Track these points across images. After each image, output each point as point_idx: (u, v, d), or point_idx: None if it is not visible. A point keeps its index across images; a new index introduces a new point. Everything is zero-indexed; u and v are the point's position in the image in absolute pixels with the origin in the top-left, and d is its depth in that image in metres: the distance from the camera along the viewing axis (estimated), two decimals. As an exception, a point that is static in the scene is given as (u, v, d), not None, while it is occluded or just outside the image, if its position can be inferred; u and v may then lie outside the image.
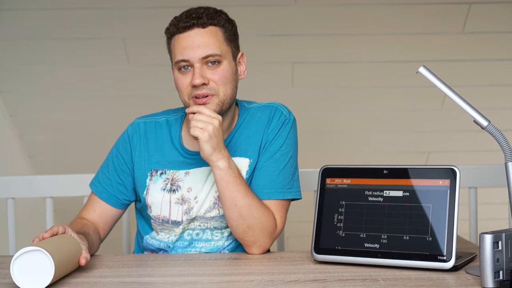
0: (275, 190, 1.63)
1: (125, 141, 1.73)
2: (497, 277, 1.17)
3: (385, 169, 1.43)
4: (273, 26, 2.84)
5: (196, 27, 1.58)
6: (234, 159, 1.64)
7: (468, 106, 1.33)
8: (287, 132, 1.68)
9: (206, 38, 1.57)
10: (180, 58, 1.57)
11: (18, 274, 1.26)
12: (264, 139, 1.67)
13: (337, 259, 1.42)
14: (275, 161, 1.65)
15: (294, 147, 1.69)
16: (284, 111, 1.70)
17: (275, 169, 1.64)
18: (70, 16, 2.79)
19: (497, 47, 2.97)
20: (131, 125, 1.75)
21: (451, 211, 1.34)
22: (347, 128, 3.30)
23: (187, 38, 1.58)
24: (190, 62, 1.57)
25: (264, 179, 1.64)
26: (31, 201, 2.78)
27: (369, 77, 3.08)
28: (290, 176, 1.66)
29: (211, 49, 1.57)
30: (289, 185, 1.66)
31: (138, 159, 1.71)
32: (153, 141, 1.71)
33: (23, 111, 3.17)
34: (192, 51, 1.56)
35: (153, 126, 1.73)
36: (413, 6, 2.80)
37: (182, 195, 1.66)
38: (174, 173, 1.67)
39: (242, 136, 1.68)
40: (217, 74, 1.58)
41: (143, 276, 1.38)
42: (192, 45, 1.57)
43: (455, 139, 3.37)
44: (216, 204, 1.65)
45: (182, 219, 1.66)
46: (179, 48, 1.58)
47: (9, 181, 2.31)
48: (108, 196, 1.71)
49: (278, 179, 1.64)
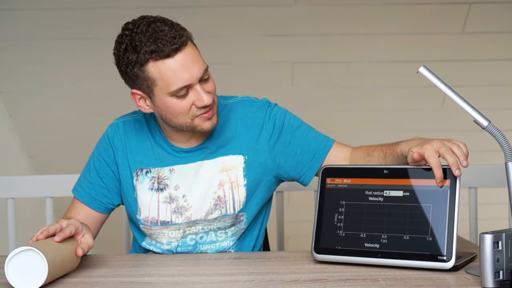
0: (326, 138, 1.71)
1: (106, 142, 1.70)
2: (497, 277, 1.17)
3: (385, 169, 1.44)
4: (273, 26, 2.84)
5: (182, 47, 1.48)
6: (227, 158, 1.63)
7: (468, 106, 1.33)
8: (278, 110, 1.69)
9: (193, 54, 1.50)
10: (181, 85, 1.48)
11: (13, 275, 1.26)
12: (267, 133, 1.65)
13: (337, 259, 1.42)
14: (303, 130, 1.69)
15: (292, 114, 1.72)
16: (259, 102, 1.70)
17: (308, 132, 1.69)
18: (70, 16, 2.79)
19: (497, 47, 2.97)
20: (110, 126, 1.72)
21: (451, 211, 1.34)
22: (347, 128, 3.30)
23: (179, 62, 1.47)
24: (191, 85, 1.50)
25: (314, 138, 1.69)
26: (31, 201, 2.78)
27: (369, 77, 3.08)
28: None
29: (201, 62, 1.52)
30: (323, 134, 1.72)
31: (122, 160, 1.67)
32: (134, 140, 1.67)
33: (23, 111, 3.17)
34: (190, 73, 1.48)
35: (132, 124, 1.70)
36: (413, 6, 2.80)
37: (169, 193, 1.64)
38: (159, 170, 1.65)
39: (228, 132, 1.65)
40: (211, 84, 1.55)
41: (143, 276, 1.38)
42: (188, 68, 1.48)
43: (455, 139, 3.36)
44: (217, 205, 1.63)
45: (171, 218, 1.64)
46: (174, 75, 1.47)
47: (9, 181, 2.31)
48: (91, 201, 1.68)
49: (318, 133, 1.71)
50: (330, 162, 1.67)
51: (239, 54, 2.92)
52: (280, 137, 1.66)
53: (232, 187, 1.64)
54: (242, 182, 1.64)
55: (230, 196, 1.64)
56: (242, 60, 2.95)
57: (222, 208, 1.64)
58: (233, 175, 1.64)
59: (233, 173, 1.64)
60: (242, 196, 1.64)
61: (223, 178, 1.63)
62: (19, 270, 1.26)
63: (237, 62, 2.95)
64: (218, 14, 2.78)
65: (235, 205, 1.64)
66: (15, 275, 1.26)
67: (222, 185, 1.63)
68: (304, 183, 1.71)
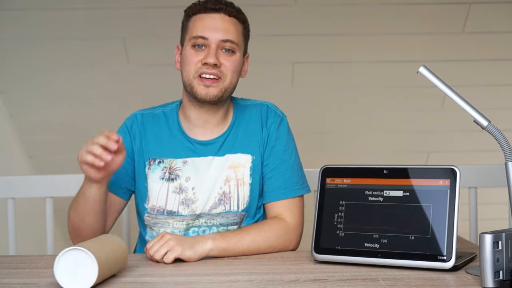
0: (290, 189, 1.69)
1: (124, 131, 1.74)
2: (497, 277, 1.17)
3: (385, 169, 1.43)
4: (273, 26, 2.85)
5: (223, 12, 1.64)
6: (236, 156, 1.68)
7: (468, 106, 1.33)
8: (286, 131, 1.73)
9: (229, 25, 1.64)
10: (200, 34, 1.62)
11: (61, 273, 1.23)
12: (263, 139, 1.70)
13: (337, 259, 1.42)
14: (284, 161, 1.70)
15: (294, 144, 1.75)
16: (277, 111, 1.75)
17: (285, 169, 1.70)
18: (70, 16, 2.80)
19: (497, 47, 2.97)
20: (128, 118, 1.77)
21: (451, 211, 1.34)
22: (347, 128, 3.30)
23: (211, 19, 1.63)
24: (208, 41, 1.62)
25: (279, 180, 1.69)
26: (31, 201, 2.78)
27: (369, 77, 3.08)
28: (299, 173, 1.72)
29: (230, 35, 1.63)
30: (301, 181, 1.71)
31: (138, 148, 1.72)
32: (150, 131, 1.72)
33: (23, 111, 3.17)
34: (214, 31, 1.62)
35: (150, 117, 1.75)
36: (413, 6, 2.80)
37: (180, 184, 1.67)
38: (171, 161, 1.68)
39: (240, 132, 1.71)
40: (230, 61, 1.63)
41: (143, 276, 1.38)
42: (215, 26, 1.62)
43: (455, 139, 3.37)
44: (222, 201, 1.66)
45: (178, 209, 1.66)
46: (201, 25, 1.63)
47: (9, 181, 2.30)
48: (111, 185, 1.67)
49: (291, 178, 1.70)
50: (267, 210, 1.71)
51: (239, 54, 2.91)
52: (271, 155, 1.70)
53: (237, 184, 1.67)
54: (248, 181, 1.68)
55: (235, 193, 1.67)
56: (242, 60, 2.95)
57: (226, 204, 1.66)
58: (240, 173, 1.68)
59: (240, 171, 1.68)
60: (246, 195, 1.68)
61: (230, 174, 1.67)
62: (67, 269, 1.23)
63: (237, 62, 2.95)
64: (218, 14, 2.78)
65: (239, 202, 1.67)
66: (63, 273, 1.23)
67: (229, 181, 1.67)
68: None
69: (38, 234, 2.69)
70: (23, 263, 1.53)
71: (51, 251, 2.26)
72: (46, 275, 1.39)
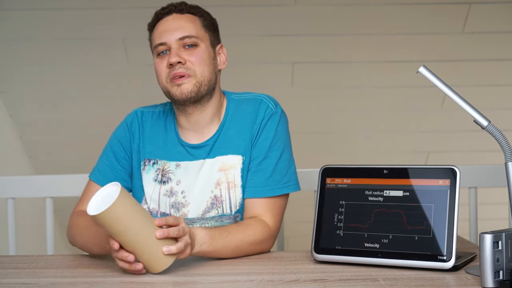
0: (270, 187, 1.62)
1: (124, 129, 1.74)
2: (497, 277, 1.17)
3: (385, 169, 1.43)
4: (273, 26, 2.85)
5: (174, 12, 1.65)
6: (227, 157, 1.64)
7: (468, 106, 1.33)
8: (275, 125, 1.65)
9: (183, 22, 1.64)
10: (158, 41, 1.63)
11: (93, 205, 1.34)
12: (252, 135, 1.65)
13: (337, 259, 1.42)
14: (269, 157, 1.63)
15: (286, 141, 1.67)
16: (270, 103, 1.68)
17: (268, 166, 1.63)
18: (70, 16, 2.80)
19: (497, 47, 2.97)
20: (129, 114, 1.77)
21: (451, 211, 1.34)
22: (347, 128, 3.30)
23: (165, 22, 1.64)
24: (167, 45, 1.62)
25: (259, 177, 1.62)
26: (31, 201, 2.78)
27: (369, 77, 3.08)
28: (285, 170, 1.64)
29: (187, 31, 1.62)
30: (285, 180, 1.64)
31: (136, 147, 1.72)
32: (148, 130, 1.72)
33: (23, 111, 3.17)
34: (170, 33, 1.62)
35: (149, 115, 1.75)
36: (413, 6, 2.80)
37: (171, 187, 1.66)
38: (165, 163, 1.67)
39: (231, 130, 1.66)
40: (194, 55, 1.62)
41: (143, 276, 1.38)
42: (169, 28, 1.63)
43: (455, 139, 3.37)
44: (214, 205, 1.64)
45: (170, 212, 1.65)
46: (158, 33, 1.64)
47: (9, 181, 2.30)
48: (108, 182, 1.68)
49: (273, 176, 1.63)
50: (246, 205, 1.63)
51: (239, 54, 2.92)
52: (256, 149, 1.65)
53: (228, 187, 1.64)
54: (239, 183, 1.64)
55: (226, 196, 1.64)
56: (242, 60, 2.95)
57: (219, 207, 1.64)
58: (231, 175, 1.64)
59: (230, 173, 1.64)
60: (238, 197, 1.64)
61: (220, 177, 1.64)
62: (97, 202, 1.35)
63: (237, 62, 2.95)
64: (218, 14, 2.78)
65: (231, 205, 1.64)
66: (94, 204, 1.35)
67: (219, 185, 1.64)
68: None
69: (38, 234, 2.69)
70: (23, 263, 1.53)
71: (51, 251, 2.26)
72: (46, 275, 1.39)
